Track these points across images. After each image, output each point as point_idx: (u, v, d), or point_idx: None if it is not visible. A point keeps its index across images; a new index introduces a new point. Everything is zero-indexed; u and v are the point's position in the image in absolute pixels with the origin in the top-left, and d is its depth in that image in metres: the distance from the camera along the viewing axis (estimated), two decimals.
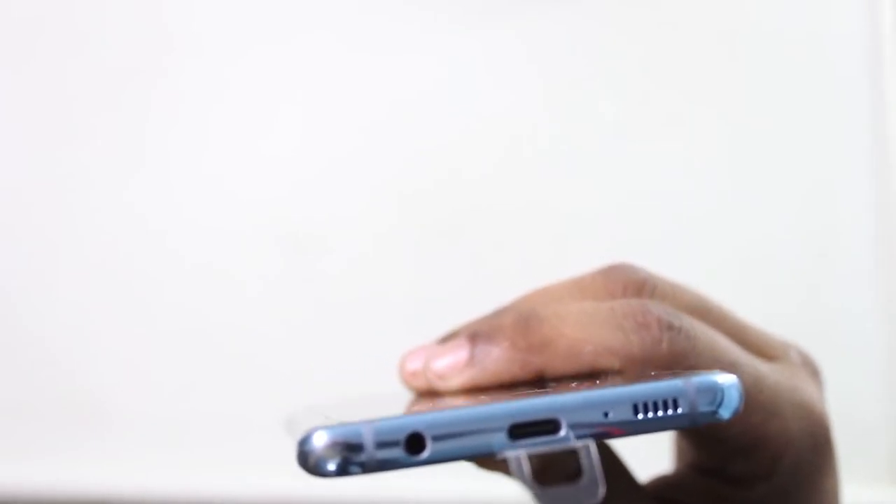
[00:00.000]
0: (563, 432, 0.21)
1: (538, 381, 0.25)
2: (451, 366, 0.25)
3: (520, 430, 0.20)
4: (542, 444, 0.20)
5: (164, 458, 0.63)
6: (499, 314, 0.26)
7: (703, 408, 0.21)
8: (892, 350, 0.61)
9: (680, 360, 0.24)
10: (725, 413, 0.21)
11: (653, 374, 0.22)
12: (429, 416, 0.20)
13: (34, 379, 0.64)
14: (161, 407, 0.64)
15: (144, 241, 0.64)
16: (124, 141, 0.65)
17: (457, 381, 0.25)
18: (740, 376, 0.23)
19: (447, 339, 0.26)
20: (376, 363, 0.63)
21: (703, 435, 0.26)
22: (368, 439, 0.20)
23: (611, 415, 0.21)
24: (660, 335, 0.24)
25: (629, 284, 0.26)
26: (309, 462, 0.20)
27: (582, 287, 0.27)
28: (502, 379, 0.25)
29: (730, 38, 0.64)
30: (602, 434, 0.21)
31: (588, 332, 0.24)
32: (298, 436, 0.20)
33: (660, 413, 0.21)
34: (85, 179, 0.65)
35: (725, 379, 0.21)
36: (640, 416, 0.21)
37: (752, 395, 0.25)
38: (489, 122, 0.64)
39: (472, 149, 0.64)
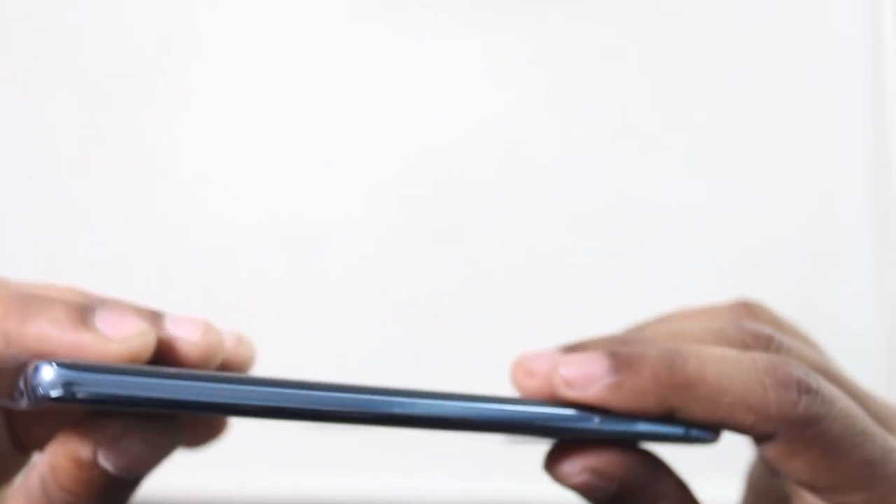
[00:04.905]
0: None
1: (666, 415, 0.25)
2: (585, 376, 0.25)
3: None
4: None
5: None
6: (634, 340, 0.27)
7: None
8: (891, 351, 0.61)
9: (812, 423, 0.24)
10: (34, 399, 0.22)
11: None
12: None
13: None
14: None
15: (145, 243, 0.64)
16: (124, 143, 0.65)
17: (585, 393, 0.25)
18: (870, 446, 0.25)
19: (574, 349, 0.27)
20: (377, 364, 0.63)
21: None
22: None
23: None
24: (797, 397, 0.24)
25: (760, 336, 0.27)
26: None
27: (714, 329, 0.27)
28: (631, 406, 0.25)
29: (730, 41, 0.64)
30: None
31: (730, 382, 0.24)
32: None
33: (19, 389, 0.22)
34: (85, 181, 0.65)
35: (40, 366, 0.22)
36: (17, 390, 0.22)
37: (879, 466, 0.25)
38: (490, 124, 0.64)
39: (472, 150, 0.64)
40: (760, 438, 0.25)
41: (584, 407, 0.25)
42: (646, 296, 0.62)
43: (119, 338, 0.23)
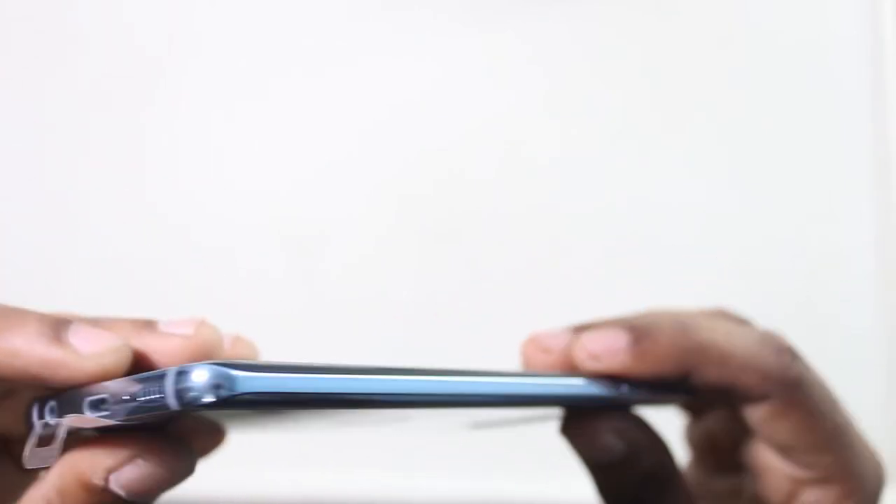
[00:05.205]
0: (47, 411, 0.23)
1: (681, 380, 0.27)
2: (608, 349, 0.27)
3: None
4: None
5: None
6: (644, 317, 0.28)
7: (173, 398, 0.20)
8: (892, 351, 0.61)
9: (801, 386, 0.27)
10: (199, 398, 0.20)
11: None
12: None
13: None
14: None
15: (145, 244, 0.64)
16: (125, 143, 0.65)
17: (612, 363, 0.27)
18: (839, 414, 0.28)
19: (584, 328, 0.28)
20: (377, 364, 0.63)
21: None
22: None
23: (102, 405, 0.22)
24: (790, 361, 0.27)
25: (745, 321, 0.30)
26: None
27: (707, 313, 0.30)
28: (652, 371, 0.27)
29: (730, 41, 0.64)
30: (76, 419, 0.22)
31: (737, 346, 0.27)
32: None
33: (146, 398, 0.21)
34: (85, 181, 0.65)
35: (201, 369, 0.20)
36: (130, 401, 0.21)
37: (845, 433, 0.28)
38: (490, 124, 0.64)
39: (472, 150, 0.64)
40: (755, 400, 0.27)
41: (600, 377, 0.27)
42: (646, 296, 0.61)
43: (91, 353, 0.22)
